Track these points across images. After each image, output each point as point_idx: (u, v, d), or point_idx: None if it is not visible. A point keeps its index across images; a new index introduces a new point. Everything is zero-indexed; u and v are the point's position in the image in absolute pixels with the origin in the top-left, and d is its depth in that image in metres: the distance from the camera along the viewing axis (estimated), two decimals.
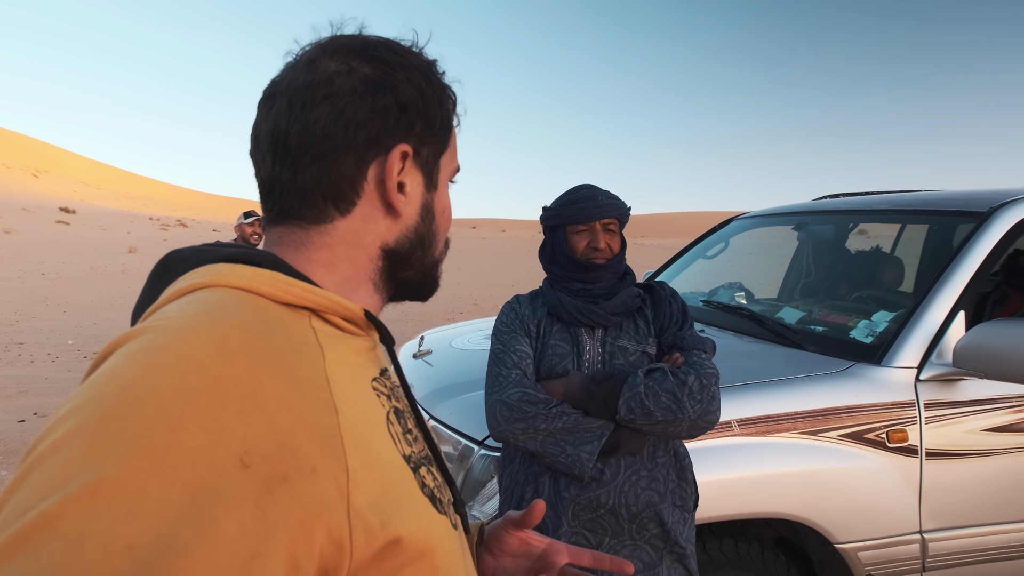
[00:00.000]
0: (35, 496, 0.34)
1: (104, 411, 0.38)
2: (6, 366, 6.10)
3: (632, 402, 1.37)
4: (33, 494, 0.35)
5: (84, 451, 0.36)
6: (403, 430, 0.58)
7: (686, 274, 3.49)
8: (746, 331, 2.51)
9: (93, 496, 0.34)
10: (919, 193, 2.94)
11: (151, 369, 0.40)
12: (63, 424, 0.38)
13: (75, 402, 0.40)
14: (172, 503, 0.36)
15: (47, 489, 0.34)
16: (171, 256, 0.57)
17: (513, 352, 1.50)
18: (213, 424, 0.39)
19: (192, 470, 0.37)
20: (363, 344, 0.59)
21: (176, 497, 0.36)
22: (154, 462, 0.36)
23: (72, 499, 0.34)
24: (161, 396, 0.39)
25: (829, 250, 3.32)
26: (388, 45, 0.64)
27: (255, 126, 0.63)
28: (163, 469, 0.36)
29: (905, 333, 2.01)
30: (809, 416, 1.84)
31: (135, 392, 0.39)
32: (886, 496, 1.87)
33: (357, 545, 0.46)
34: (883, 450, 1.86)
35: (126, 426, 0.37)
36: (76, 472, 0.35)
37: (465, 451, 1.87)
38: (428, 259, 0.69)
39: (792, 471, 1.79)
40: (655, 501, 1.44)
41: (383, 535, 0.48)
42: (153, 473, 0.36)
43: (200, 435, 0.38)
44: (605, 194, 1.56)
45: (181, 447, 0.37)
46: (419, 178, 0.65)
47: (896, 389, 1.92)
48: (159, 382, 0.39)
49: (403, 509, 0.51)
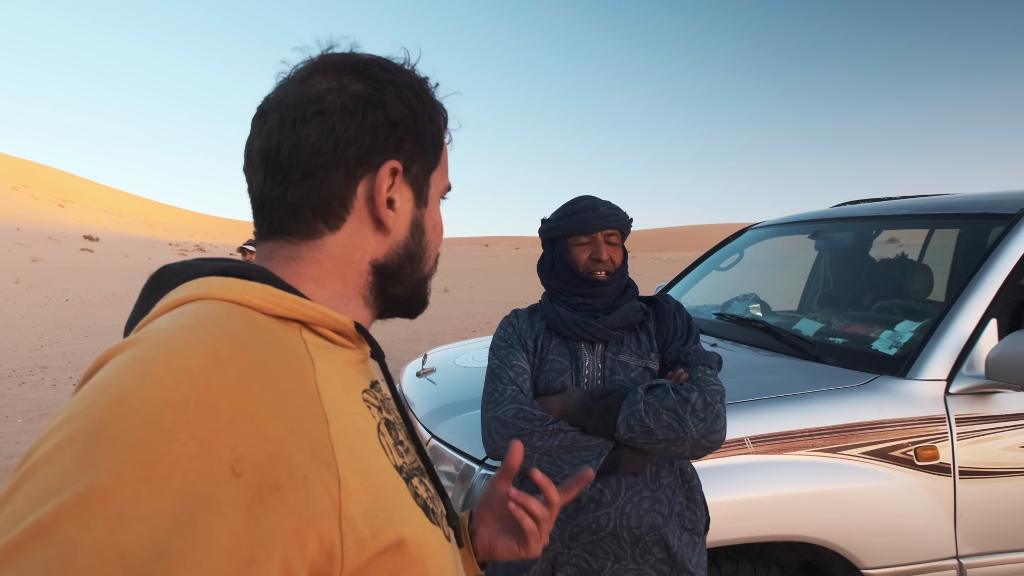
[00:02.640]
0: (28, 506, 0.35)
1: (96, 421, 0.38)
2: (29, 389, 6.16)
3: (631, 419, 1.30)
4: (27, 504, 0.35)
5: (77, 461, 0.36)
6: (394, 441, 0.59)
7: (699, 287, 3.39)
8: (761, 344, 2.41)
9: (86, 505, 0.34)
10: (945, 196, 2.79)
11: (143, 379, 0.41)
12: (56, 434, 0.38)
13: (68, 412, 0.40)
14: (164, 511, 0.36)
15: (40, 499, 0.35)
16: (163, 270, 0.58)
17: (510, 368, 1.45)
18: (204, 433, 0.39)
19: (184, 479, 0.37)
20: (353, 356, 0.60)
21: (168, 506, 0.36)
22: (146, 471, 0.36)
23: (65, 508, 0.34)
24: (152, 406, 0.39)
25: (850, 259, 3.18)
26: (379, 63, 0.65)
27: (248, 142, 0.63)
28: (155, 478, 0.36)
29: (932, 343, 1.90)
30: (829, 432, 1.73)
31: (127, 402, 0.39)
32: (917, 518, 1.74)
33: (348, 554, 0.46)
34: (912, 468, 1.74)
35: (118, 436, 0.37)
36: (69, 481, 0.35)
37: (466, 471, 1.79)
38: (417, 275, 0.70)
39: (811, 491, 1.67)
40: (659, 524, 1.36)
41: (375, 544, 0.48)
42: (145, 482, 0.36)
43: (191, 444, 0.38)
44: (607, 204, 1.51)
45: (172, 456, 0.37)
46: (409, 194, 0.66)
47: (924, 403, 1.80)
48: (151, 392, 0.40)
49: (395, 519, 0.52)
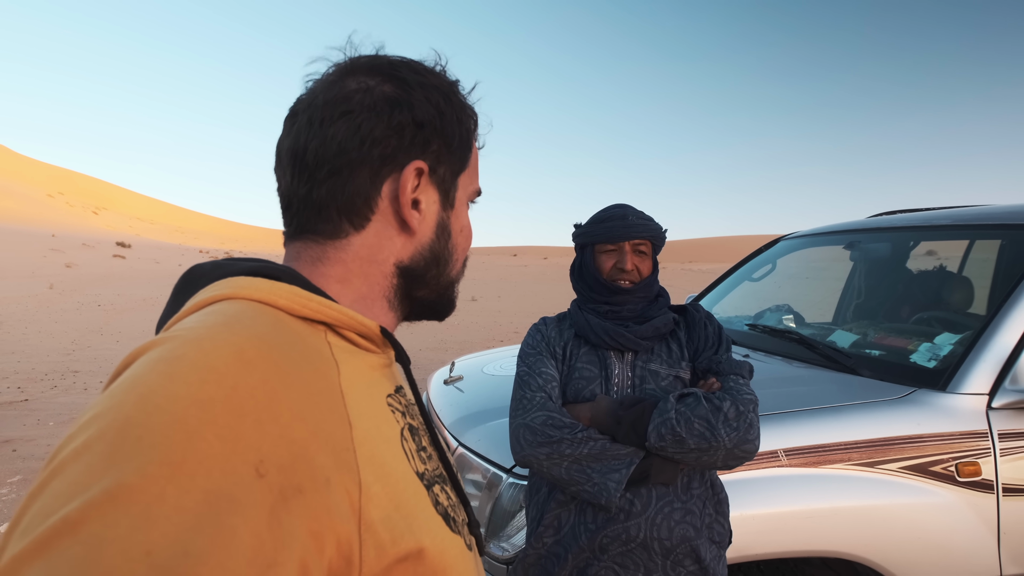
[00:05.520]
0: (57, 502, 0.35)
1: (124, 419, 0.38)
2: (61, 393, 6.25)
3: (662, 428, 1.27)
4: (55, 500, 0.35)
5: (104, 458, 0.36)
6: (417, 447, 0.58)
7: (730, 298, 3.34)
8: (795, 356, 2.36)
9: (113, 502, 0.34)
10: (986, 207, 2.71)
11: (170, 378, 0.41)
12: (84, 431, 0.39)
13: (96, 410, 0.40)
14: (189, 510, 0.36)
15: (68, 495, 0.35)
16: (194, 270, 0.58)
17: (538, 375, 1.43)
18: (229, 433, 0.39)
19: (209, 477, 0.37)
20: (378, 361, 0.59)
21: (193, 504, 0.36)
22: (172, 469, 0.36)
23: (92, 505, 0.34)
24: (179, 404, 0.39)
25: (887, 270, 3.11)
26: (409, 65, 0.65)
27: (279, 142, 0.64)
28: (181, 476, 0.36)
29: (973, 356, 1.85)
30: (866, 446, 1.69)
31: (154, 400, 0.39)
32: (958, 536, 1.68)
33: (367, 560, 0.46)
34: (952, 484, 1.69)
35: (145, 433, 0.37)
36: (96, 478, 0.35)
37: (494, 479, 1.78)
38: (443, 278, 0.69)
39: (848, 505, 1.63)
40: (691, 536, 1.33)
41: (394, 551, 0.48)
42: (171, 480, 0.36)
43: (216, 444, 0.39)
44: (637, 214, 1.50)
45: (198, 455, 0.38)
46: (435, 196, 0.66)
47: (965, 417, 1.75)
48: (178, 390, 0.40)
49: (416, 526, 0.51)
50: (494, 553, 1.68)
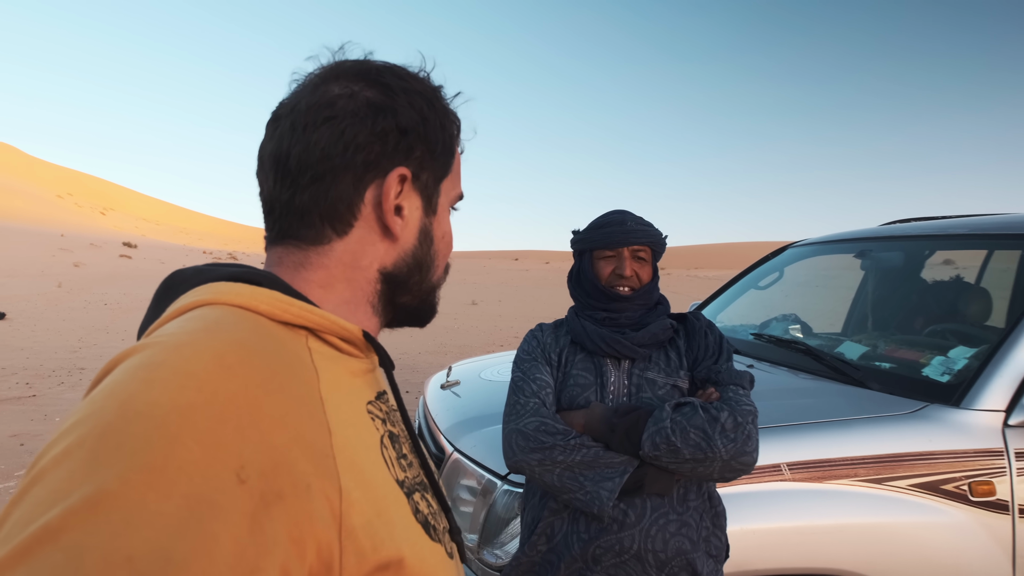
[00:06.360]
0: (37, 509, 0.35)
1: (104, 425, 0.38)
2: (68, 390, 6.32)
3: (657, 437, 1.24)
4: (36, 507, 0.35)
5: (85, 464, 0.36)
6: (397, 455, 0.58)
7: (736, 306, 3.28)
8: (801, 367, 2.30)
9: (93, 509, 0.34)
10: (1006, 215, 2.63)
11: (150, 384, 0.41)
12: (65, 438, 0.38)
13: (76, 416, 0.40)
14: (171, 515, 0.35)
15: (49, 502, 0.35)
16: (175, 275, 0.58)
17: (533, 380, 1.41)
18: (210, 439, 0.39)
19: (190, 483, 0.37)
20: (360, 366, 0.59)
21: (174, 510, 0.36)
22: (153, 475, 0.36)
23: (73, 512, 0.34)
24: (160, 411, 0.39)
25: (900, 280, 3.03)
26: (393, 70, 0.65)
27: (261, 147, 0.64)
28: (161, 482, 0.36)
29: (989, 371, 1.78)
30: (873, 462, 1.62)
31: (134, 406, 0.39)
32: (970, 557, 1.61)
33: (347, 566, 0.45)
34: (965, 504, 1.62)
35: (125, 440, 0.37)
36: (77, 485, 0.35)
37: (488, 486, 1.73)
38: (426, 284, 0.69)
39: (853, 522, 1.57)
40: (687, 548, 1.29)
41: (375, 557, 0.48)
42: (152, 486, 0.36)
43: (197, 450, 0.38)
44: (636, 220, 1.47)
45: (179, 461, 0.37)
46: (418, 202, 0.66)
47: (980, 435, 1.68)
48: (158, 397, 0.40)
49: (396, 534, 0.51)
50: (487, 560, 1.65)
